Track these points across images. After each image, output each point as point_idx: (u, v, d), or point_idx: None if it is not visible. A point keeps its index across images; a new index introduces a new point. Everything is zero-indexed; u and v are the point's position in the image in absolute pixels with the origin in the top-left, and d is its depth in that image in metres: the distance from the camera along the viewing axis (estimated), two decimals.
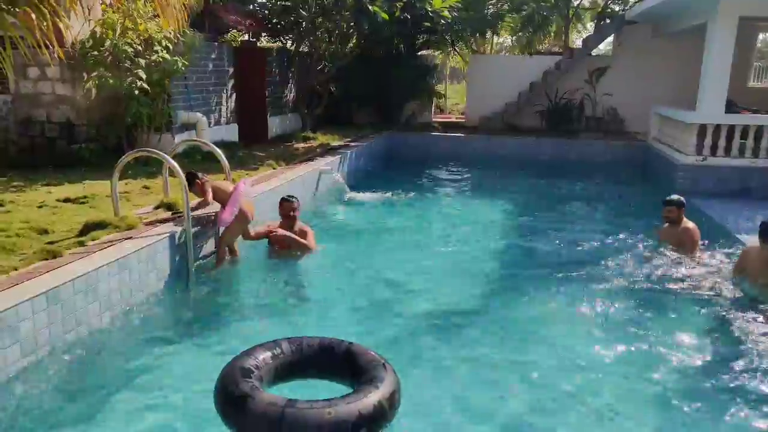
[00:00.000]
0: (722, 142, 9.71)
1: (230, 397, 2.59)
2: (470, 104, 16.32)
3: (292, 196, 6.10)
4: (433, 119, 16.65)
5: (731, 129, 9.70)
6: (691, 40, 12.75)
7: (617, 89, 14.79)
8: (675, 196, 6.16)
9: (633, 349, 4.24)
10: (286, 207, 5.98)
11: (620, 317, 4.79)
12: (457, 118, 18.11)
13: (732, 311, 4.80)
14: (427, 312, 4.94)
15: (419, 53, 15.95)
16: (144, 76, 7.77)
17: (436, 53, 18.12)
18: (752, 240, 5.87)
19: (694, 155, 9.80)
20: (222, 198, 5.56)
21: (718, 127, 9.71)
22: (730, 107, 10.24)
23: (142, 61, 7.85)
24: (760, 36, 16.22)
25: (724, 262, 5.89)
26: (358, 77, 14.22)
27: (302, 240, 5.95)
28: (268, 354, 2.95)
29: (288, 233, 5.91)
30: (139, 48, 7.93)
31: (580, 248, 6.64)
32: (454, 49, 16.74)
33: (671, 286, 5.37)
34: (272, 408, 2.45)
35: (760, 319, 4.63)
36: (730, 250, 6.25)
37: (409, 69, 14.76)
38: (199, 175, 5.63)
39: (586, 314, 4.86)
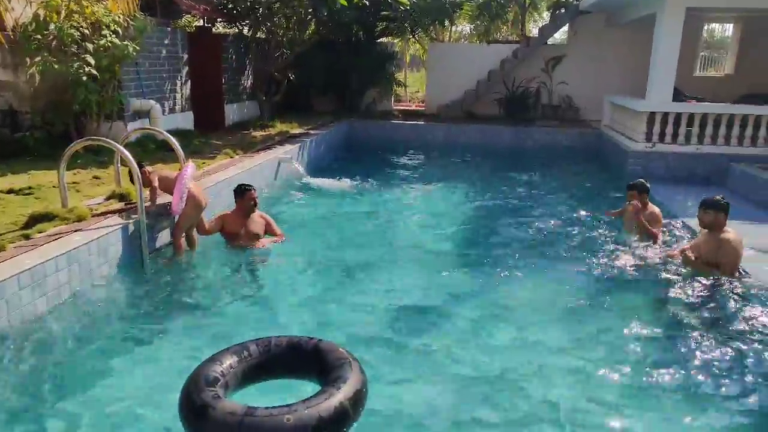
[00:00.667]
0: (670, 130, 10.05)
1: (191, 407, 2.60)
2: (430, 92, 16.39)
3: (249, 185, 5.98)
4: (394, 107, 16.66)
5: (678, 117, 10.05)
6: (642, 30, 13.09)
7: (572, 78, 15.11)
8: (639, 181, 6.33)
9: (594, 331, 4.40)
10: (249, 197, 5.80)
11: (583, 301, 4.92)
12: (417, 106, 18.17)
13: (680, 291, 5.04)
14: (390, 297, 4.96)
15: (379, 41, 15.90)
16: (92, 62, 7.49)
17: (396, 41, 18.09)
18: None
19: (643, 142, 10.12)
20: (168, 186, 5.43)
21: (666, 115, 10.04)
22: (678, 96, 10.59)
23: (90, 46, 7.56)
24: (706, 27, 16.77)
25: (673, 245, 6.14)
26: (318, 64, 14.10)
27: (277, 238, 5.99)
28: (235, 358, 2.94)
29: (270, 241, 5.90)
30: (87, 32, 7.63)
31: (543, 232, 6.83)
32: (414, 37, 16.75)
33: (631, 268, 5.58)
34: (231, 417, 2.47)
35: (694, 296, 4.89)
36: (678, 234, 6.55)
37: (369, 56, 14.71)
38: (144, 165, 5.47)
39: (550, 298, 5.00)
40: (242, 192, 5.82)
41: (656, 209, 6.31)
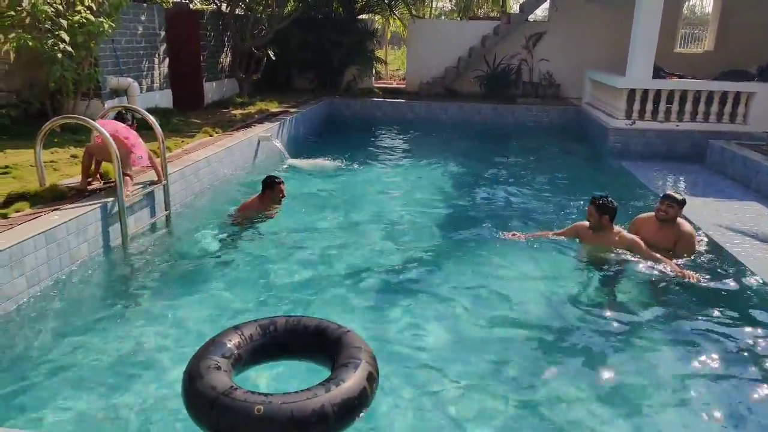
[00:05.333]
0: (650, 106, 10.13)
1: (187, 371, 2.59)
2: (410, 70, 16.30)
3: (279, 177, 6.21)
4: (374, 85, 16.55)
5: (658, 94, 10.13)
6: (622, 6, 13.10)
7: (553, 55, 15.11)
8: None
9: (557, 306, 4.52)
10: (279, 190, 6.08)
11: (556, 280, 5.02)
12: (397, 84, 18.06)
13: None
14: (373, 274, 4.98)
15: (359, 17, 15.72)
16: (67, 38, 7.31)
17: (376, 18, 17.88)
18: None
19: (624, 119, 10.20)
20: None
21: (646, 92, 10.10)
22: (658, 72, 10.65)
23: (64, 22, 7.37)
24: (686, 3, 16.84)
25: None
26: (297, 41, 13.91)
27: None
28: (259, 331, 2.87)
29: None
30: (61, 8, 7.44)
31: (520, 210, 6.86)
32: (393, 13, 16.58)
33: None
34: (210, 392, 2.43)
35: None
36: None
37: (350, 33, 14.54)
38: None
39: (521, 273, 5.09)
40: (270, 184, 6.07)
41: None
